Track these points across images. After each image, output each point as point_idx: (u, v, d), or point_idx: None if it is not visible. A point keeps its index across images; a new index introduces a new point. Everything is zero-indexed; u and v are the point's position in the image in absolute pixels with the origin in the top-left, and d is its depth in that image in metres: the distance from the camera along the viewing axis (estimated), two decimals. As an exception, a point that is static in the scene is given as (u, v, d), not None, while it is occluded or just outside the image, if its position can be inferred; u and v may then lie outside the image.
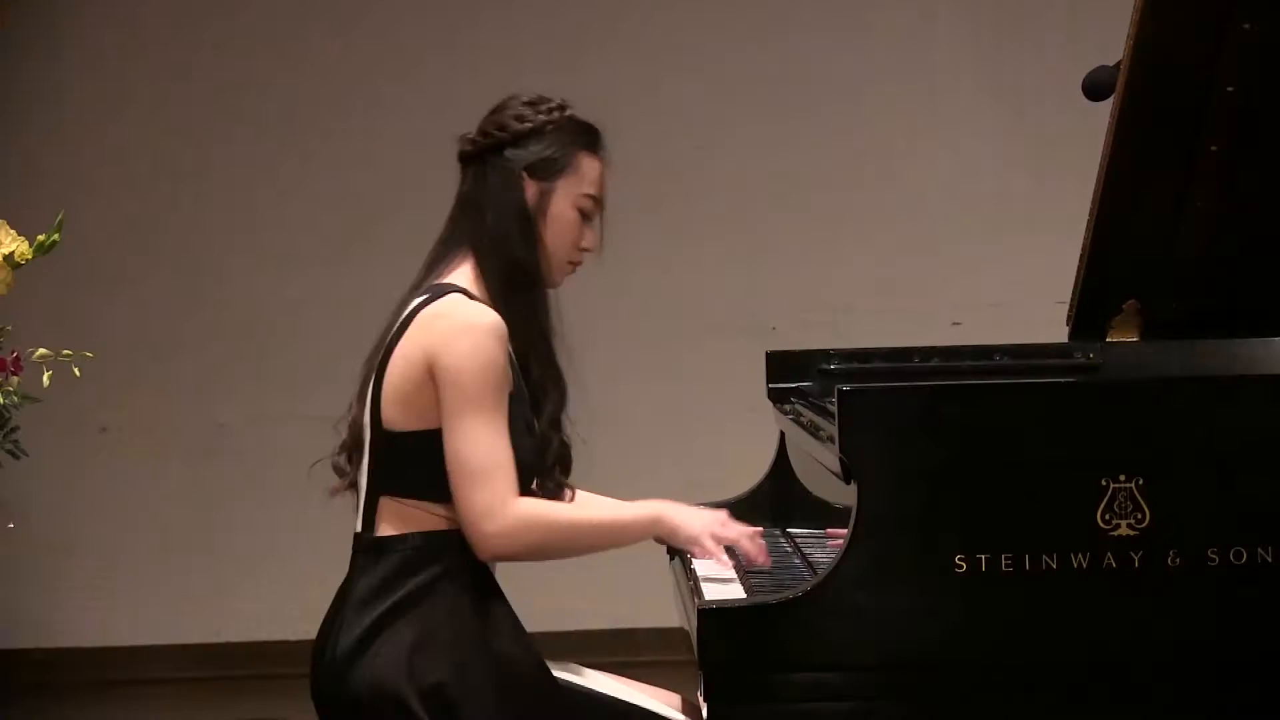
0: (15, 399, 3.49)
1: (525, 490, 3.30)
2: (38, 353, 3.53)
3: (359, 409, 3.37)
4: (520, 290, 3.34)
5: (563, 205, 3.39)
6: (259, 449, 6.91)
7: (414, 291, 3.37)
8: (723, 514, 3.42)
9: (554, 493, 3.40)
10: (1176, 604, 3.08)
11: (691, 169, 7.16)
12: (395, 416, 3.29)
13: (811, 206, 7.13)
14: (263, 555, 7.08)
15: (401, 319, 3.33)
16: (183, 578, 7.17)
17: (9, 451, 3.51)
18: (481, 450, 3.21)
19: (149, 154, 7.20)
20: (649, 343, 7.10)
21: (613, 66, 7.13)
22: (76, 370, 3.56)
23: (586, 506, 3.46)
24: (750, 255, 7.13)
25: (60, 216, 3.58)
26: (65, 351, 3.55)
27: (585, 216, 3.41)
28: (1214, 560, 3.08)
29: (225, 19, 7.20)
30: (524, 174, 3.37)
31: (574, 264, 3.43)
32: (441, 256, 3.40)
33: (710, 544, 3.32)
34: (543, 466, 3.36)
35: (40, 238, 3.54)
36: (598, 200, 3.42)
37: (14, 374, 3.49)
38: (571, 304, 3.44)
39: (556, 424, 3.38)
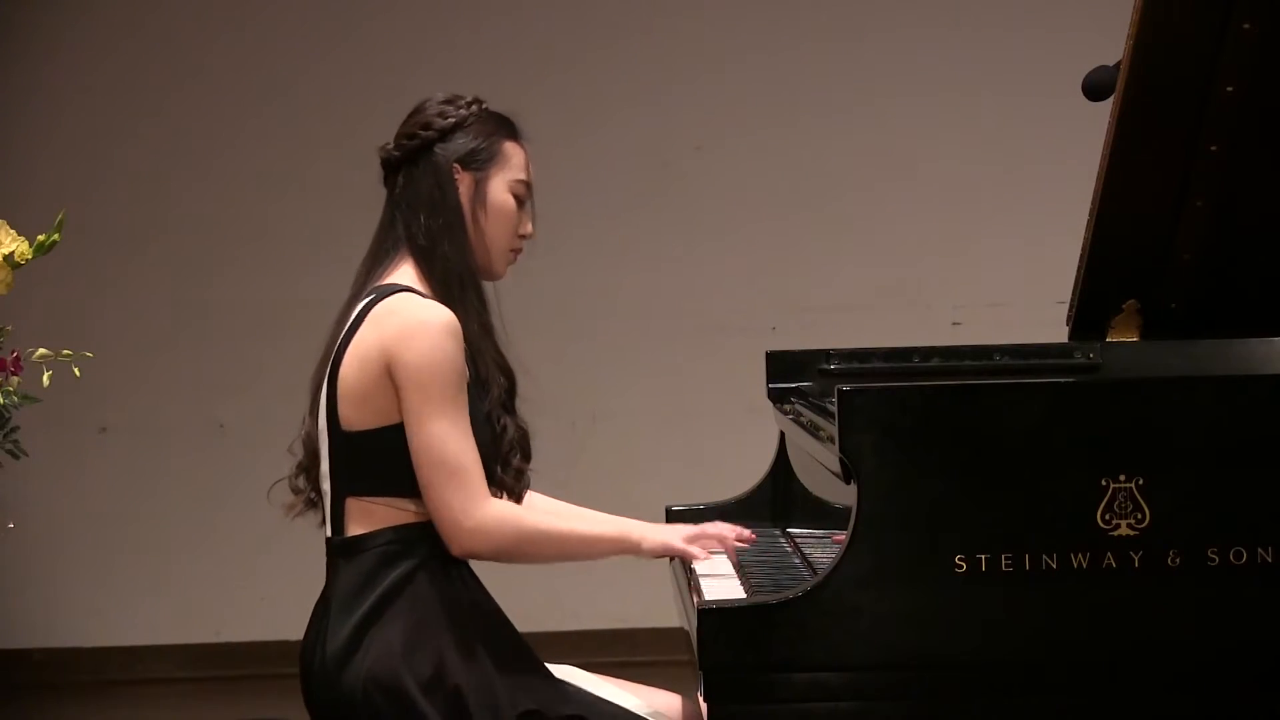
0: (15, 399, 3.48)
1: (489, 478, 3.31)
2: (38, 353, 3.53)
3: (312, 423, 3.38)
4: (465, 285, 3.35)
5: (499, 192, 3.40)
6: (259, 449, 6.89)
7: (356, 298, 3.36)
8: (693, 529, 3.42)
9: (515, 478, 3.40)
10: (1176, 604, 3.08)
11: (691, 169, 7.16)
12: (353, 416, 3.29)
13: (811, 207, 7.13)
14: (263, 555, 7.07)
15: (350, 322, 3.32)
16: (183, 578, 7.17)
17: (9, 451, 3.51)
18: (452, 448, 3.23)
19: (149, 154, 7.20)
20: (649, 342, 7.09)
21: (614, 67, 7.13)
22: (76, 370, 3.55)
23: (560, 516, 3.47)
24: (750, 255, 7.13)
25: (60, 216, 3.57)
26: (65, 351, 3.54)
27: (520, 202, 3.43)
28: (1214, 560, 3.08)
29: (227, 19, 7.20)
30: (457, 166, 3.38)
31: (515, 252, 3.45)
32: (377, 264, 3.40)
33: (681, 544, 3.33)
34: (500, 453, 3.36)
35: (40, 238, 3.53)
36: (529, 186, 3.44)
37: (14, 374, 3.49)
38: (572, 303, 3.44)
39: (510, 409, 3.39)
